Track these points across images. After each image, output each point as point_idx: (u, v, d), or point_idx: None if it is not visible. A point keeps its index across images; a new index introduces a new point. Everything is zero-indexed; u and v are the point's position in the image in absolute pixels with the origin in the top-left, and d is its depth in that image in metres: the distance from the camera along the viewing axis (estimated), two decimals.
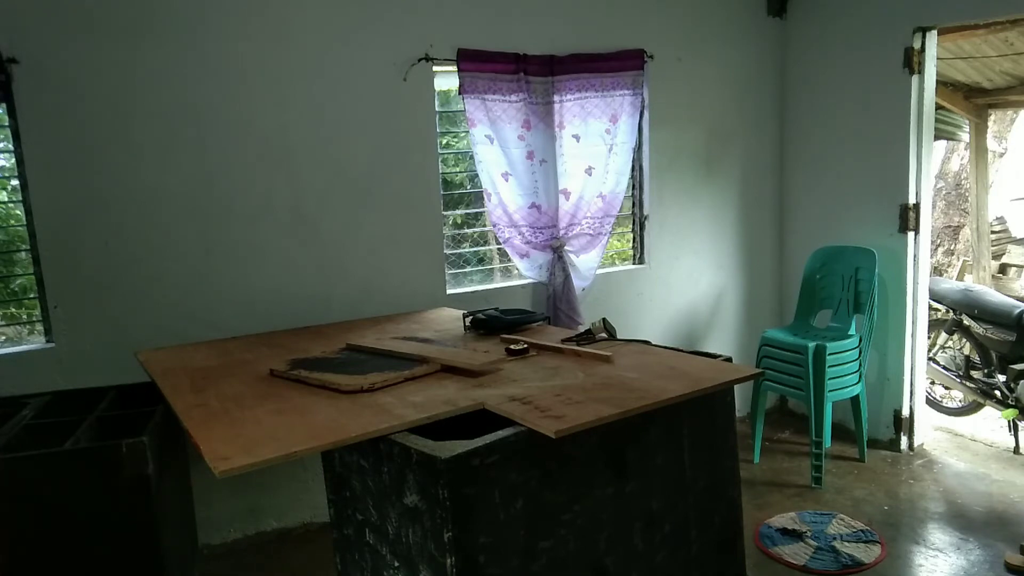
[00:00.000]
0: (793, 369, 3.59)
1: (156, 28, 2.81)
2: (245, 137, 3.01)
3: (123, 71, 2.78)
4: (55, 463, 2.00)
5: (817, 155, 4.16)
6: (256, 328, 2.95)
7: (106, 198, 2.81)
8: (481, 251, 3.89)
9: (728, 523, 2.09)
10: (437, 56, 3.29)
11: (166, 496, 2.25)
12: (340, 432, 1.67)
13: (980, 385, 4.15)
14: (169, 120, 2.88)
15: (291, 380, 2.12)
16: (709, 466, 2.03)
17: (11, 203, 2.86)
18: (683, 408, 1.86)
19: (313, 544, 3.13)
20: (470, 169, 3.64)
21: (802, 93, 4.20)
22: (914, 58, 3.61)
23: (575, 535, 1.78)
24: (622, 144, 3.68)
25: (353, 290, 3.25)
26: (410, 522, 1.76)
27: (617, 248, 4.11)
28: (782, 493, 3.48)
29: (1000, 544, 2.95)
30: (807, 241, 4.18)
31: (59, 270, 2.77)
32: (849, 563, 2.85)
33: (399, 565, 1.87)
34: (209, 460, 1.52)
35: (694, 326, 4.21)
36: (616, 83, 3.64)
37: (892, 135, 3.73)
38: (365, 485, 2.00)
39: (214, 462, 1.51)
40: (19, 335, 2.98)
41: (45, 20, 2.65)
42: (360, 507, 2.07)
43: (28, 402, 2.43)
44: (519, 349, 2.30)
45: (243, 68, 2.97)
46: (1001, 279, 6.65)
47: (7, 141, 2.71)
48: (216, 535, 3.11)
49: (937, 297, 4.32)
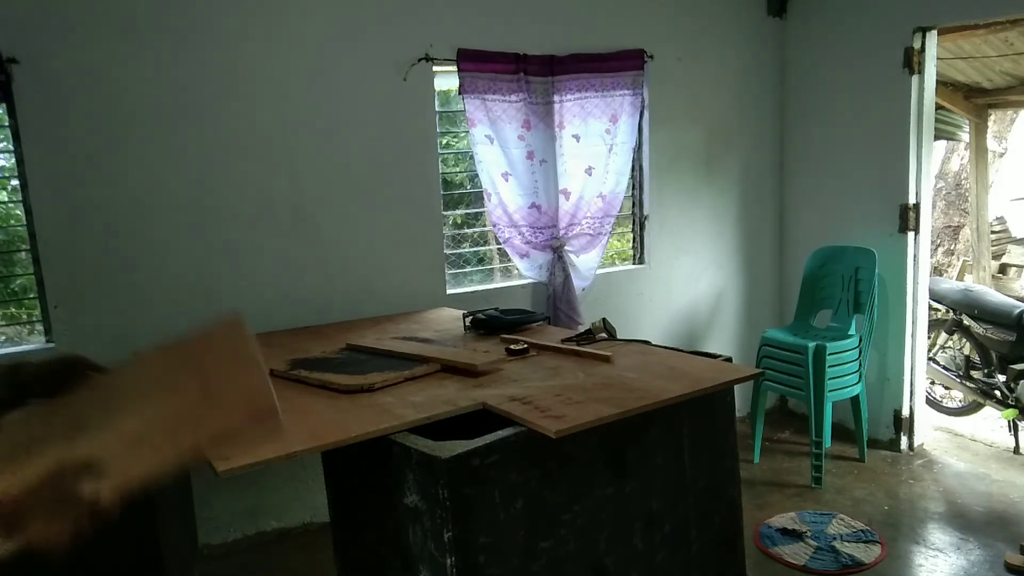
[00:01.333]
0: (793, 369, 3.59)
1: (156, 28, 2.81)
2: (245, 137, 3.01)
3: (123, 71, 2.78)
4: None
5: (817, 155, 4.16)
6: (256, 328, 2.91)
7: (106, 198, 2.81)
8: (481, 251, 3.89)
9: (728, 523, 2.09)
10: (437, 56, 3.29)
11: (166, 496, 2.25)
12: (340, 432, 1.67)
13: (980, 385, 4.15)
14: (169, 120, 2.88)
15: (291, 380, 2.12)
16: (709, 466, 2.03)
17: (11, 203, 2.86)
18: (683, 408, 1.86)
19: (313, 544, 3.13)
20: (470, 169, 3.64)
21: (802, 93, 4.20)
22: (914, 58, 3.60)
23: (575, 535, 1.78)
24: (622, 144, 3.68)
25: (353, 290, 3.25)
26: (410, 522, 1.76)
27: (617, 248, 4.11)
28: (782, 493, 3.48)
29: (1000, 544, 2.95)
30: (807, 241, 4.18)
31: (59, 270, 2.77)
32: (849, 563, 2.85)
33: (399, 565, 1.87)
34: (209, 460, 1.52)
35: (694, 326, 4.21)
36: (616, 83, 3.64)
37: (892, 135, 3.73)
38: (365, 485, 2.00)
39: (214, 462, 1.51)
40: (19, 335, 2.98)
41: (45, 20, 2.65)
42: (360, 507, 2.07)
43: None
44: (519, 349, 2.30)
45: (243, 68, 2.97)
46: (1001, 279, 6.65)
47: (7, 141, 2.71)
48: (216, 535, 3.11)
49: (937, 297, 4.32)
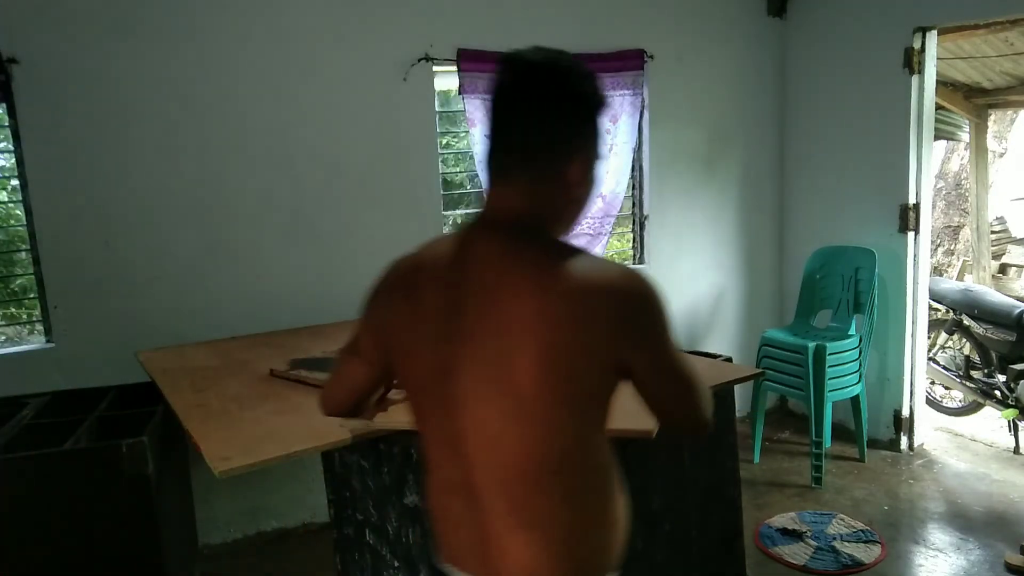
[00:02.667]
0: (793, 369, 3.59)
1: (156, 28, 2.81)
2: (245, 137, 3.01)
3: (123, 71, 2.78)
4: (55, 463, 2.00)
5: (817, 155, 4.16)
6: (256, 328, 2.94)
7: (106, 198, 2.81)
8: None
9: (728, 523, 2.09)
10: (437, 56, 3.29)
11: (166, 496, 2.25)
12: (340, 432, 1.67)
13: (980, 385, 4.14)
14: (169, 120, 2.88)
15: (291, 380, 2.12)
16: (709, 466, 2.03)
17: (11, 203, 2.86)
18: None
19: (313, 544, 3.13)
20: (470, 169, 3.64)
21: (802, 93, 4.19)
22: (914, 58, 3.60)
23: None
24: (622, 144, 3.68)
25: (353, 290, 3.22)
26: (410, 522, 1.76)
27: (617, 248, 4.11)
28: (782, 493, 3.48)
29: (1000, 544, 2.95)
30: (807, 241, 4.18)
31: (59, 270, 2.77)
32: (849, 563, 2.85)
33: (399, 565, 1.87)
34: (209, 460, 1.52)
35: (694, 326, 4.21)
36: (616, 83, 3.64)
37: (892, 135, 3.73)
38: (365, 485, 2.00)
39: (214, 462, 1.51)
40: (19, 335, 2.98)
41: (45, 20, 2.65)
42: (360, 507, 2.07)
43: (28, 402, 2.43)
44: None
45: (243, 68, 2.97)
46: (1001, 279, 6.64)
47: (7, 141, 2.71)
48: (216, 535, 3.11)
49: (937, 297, 4.32)
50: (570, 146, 1.11)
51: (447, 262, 1.12)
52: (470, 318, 1.07)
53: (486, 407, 1.07)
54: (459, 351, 1.08)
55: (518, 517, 1.09)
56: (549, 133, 1.10)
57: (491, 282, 1.07)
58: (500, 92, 1.12)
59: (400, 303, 1.16)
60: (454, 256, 1.12)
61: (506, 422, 1.06)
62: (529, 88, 1.10)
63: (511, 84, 1.11)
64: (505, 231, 1.10)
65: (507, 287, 1.06)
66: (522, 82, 1.11)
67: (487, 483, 1.10)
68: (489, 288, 1.07)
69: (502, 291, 1.06)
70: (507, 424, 1.06)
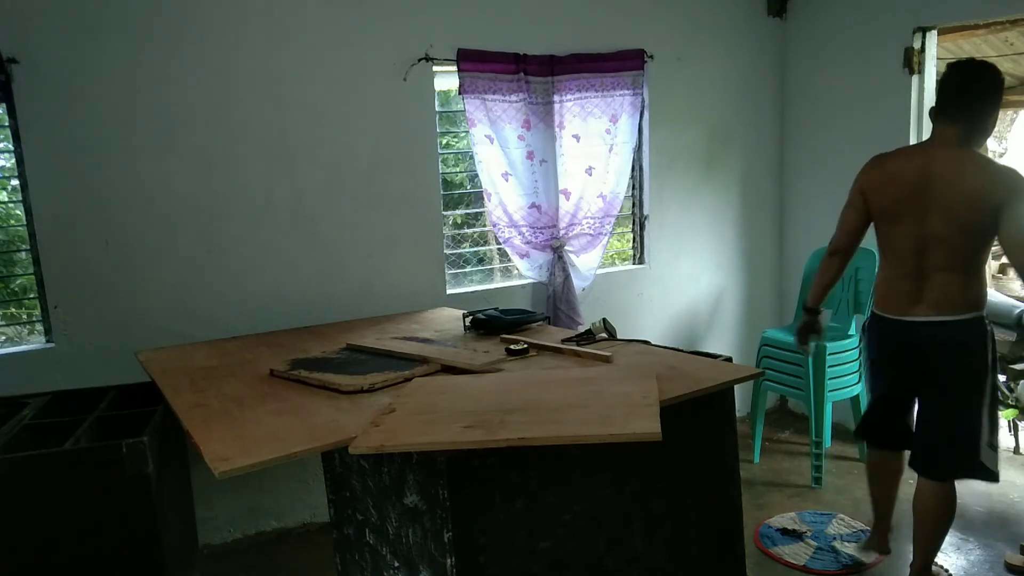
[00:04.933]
0: (793, 369, 3.59)
1: (156, 28, 2.82)
2: (245, 137, 3.01)
3: (123, 71, 2.78)
4: (55, 463, 2.00)
5: (817, 155, 4.16)
6: (256, 328, 2.95)
7: (106, 198, 2.81)
8: (481, 251, 3.89)
9: (728, 523, 2.09)
10: (437, 56, 3.29)
11: (166, 496, 2.25)
12: (340, 432, 1.67)
13: None
14: (169, 120, 2.88)
15: (291, 380, 2.12)
16: (709, 466, 2.03)
17: (11, 203, 2.86)
18: (683, 408, 1.86)
19: (313, 544, 3.13)
20: (470, 169, 3.64)
21: (802, 93, 4.20)
22: (914, 58, 3.61)
23: (575, 535, 1.78)
24: (622, 144, 3.68)
25: (353, 290, 3.25)
26: (410, 522, 1.76)
27: (617, 248, 4.11)
28: (782, 493, 3.48)
29: (1000, 544, 2.95)
30: (807, 241, 4.17)
31: (59, 270, 2.77)
32: (849, 563, 2.85)
33: (399, 565, 1.87)
34: (209, 460, 1.52)
35: (694, 326, 4.21)
36: (616, 83, 3.64)
37: (892, 135, 3.72)
38: (365, 485, 2.01)
39: (214, 462, 1.51)
40: (19, 335, 2.98)
41: (45, 20, 2.65)
42: (360, 507, 2.07)
43: (28, 402, 2.43)
44: (519, 349, 2.30)
45: (243, 68, 2.97)
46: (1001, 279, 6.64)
47: (7, 141, 2.71)
48: (216, 535, 3.12)
49: None
50: (985, 106, 2.35)
51: (920, 158, 2.40)
52: (935, 190, 2.33)
53: (937, 230, 2.36)
54: (929, 206, 2.35)
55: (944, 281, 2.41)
56: (980, 103, 2.34)
57: (949, 169, 2.33)
58: (954, 79, 2.37)
59: (886, 176, 2.46)
60: (923, 155, 2.40)
61: (946, 241, 2.35)
62: (970, 77, 2.37)
63: (961, 74, 2.36)
64: (954, 146, 2.36)
65: (955, 172, 2.32)
66: (968, 74, 2.36)
67: (930, 269, 2.39)
68: (947, 172, 2.33)
69: (954, 174, 2.32)
70: (946, 241, 2.34)
